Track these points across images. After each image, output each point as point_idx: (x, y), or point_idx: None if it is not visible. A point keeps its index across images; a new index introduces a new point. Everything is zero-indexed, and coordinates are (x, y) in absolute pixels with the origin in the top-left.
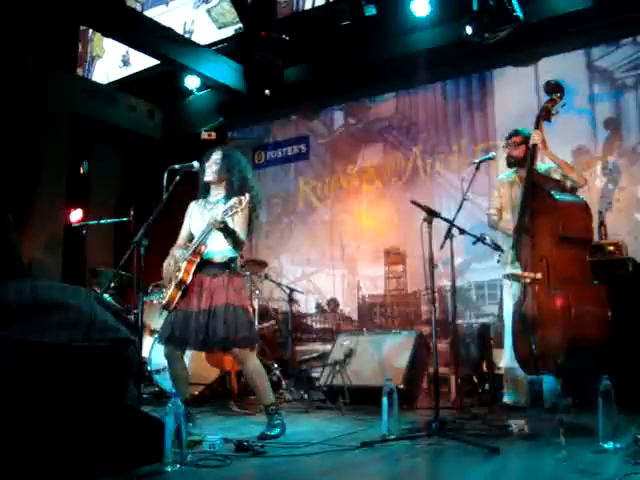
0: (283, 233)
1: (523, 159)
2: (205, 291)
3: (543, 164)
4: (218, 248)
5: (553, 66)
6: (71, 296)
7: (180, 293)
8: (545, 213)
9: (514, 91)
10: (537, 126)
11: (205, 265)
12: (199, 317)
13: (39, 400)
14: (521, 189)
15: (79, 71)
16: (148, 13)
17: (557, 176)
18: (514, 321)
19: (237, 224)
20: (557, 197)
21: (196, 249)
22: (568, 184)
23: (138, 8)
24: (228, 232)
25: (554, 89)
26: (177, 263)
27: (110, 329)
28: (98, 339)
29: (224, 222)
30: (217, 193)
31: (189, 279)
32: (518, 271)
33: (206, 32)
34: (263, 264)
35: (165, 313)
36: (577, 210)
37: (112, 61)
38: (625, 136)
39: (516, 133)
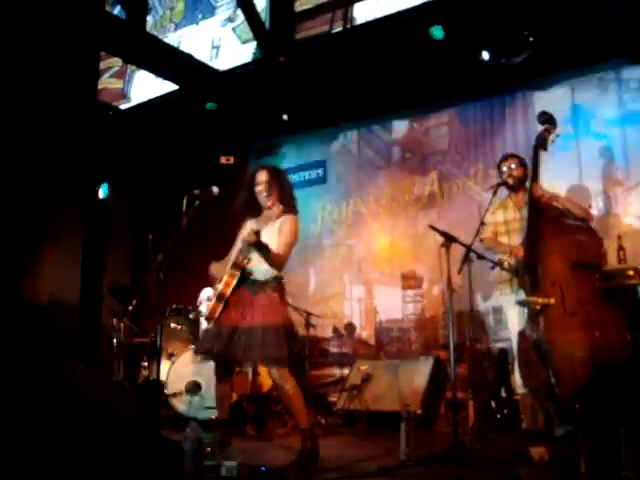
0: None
1: (522, 181)
2: (245, 308)
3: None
4: (260, 266)
5: (571, 93)
6: (110, 394)
7: (221, 306)
8: (555, 238)
9: (531, 116)
10: (535, 156)
11: (248, 282)
12: (237, 333)
13: None
14: (515, 213)
15: (120, 83)
16: (181, 32)
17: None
18: (523, 349)
19: (279, 242)
20: (565, 222)
21: (235, 262)
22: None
23: (172, 28)
24: (259, 247)
25: (548, 120)
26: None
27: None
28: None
29: (256, 239)
30: (269, 210)
31: (229, 292)
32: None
33: (231, 47)
34: None
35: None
36: (587, 234)
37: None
38: None
39: (512, 155)
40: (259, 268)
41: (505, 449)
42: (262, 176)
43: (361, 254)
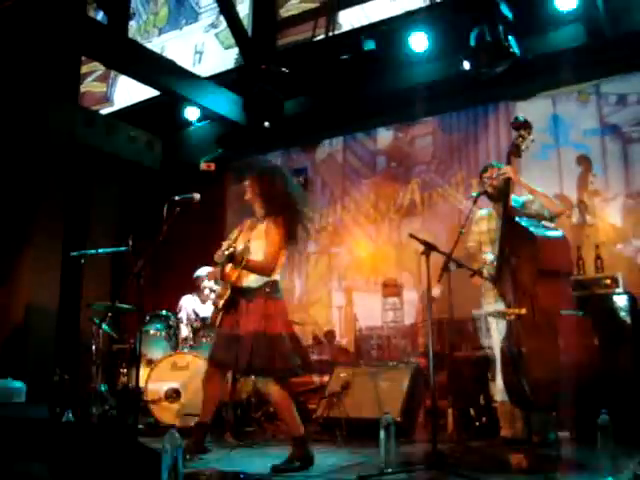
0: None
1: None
2: (240, 316)
3: (520, 197)
4: (251, 274)
5: (552, 104)
6: None
7: (220, 315)
8: (523, 248)
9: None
10: (508, 162)
11: (243, 290)
12: (232, 340)
13: None
14: (498, 223)
15: (103, 86)
16: (164, 37)
17: (535, 207)
18: (503, 359)
19: (264, 250)
20: (534, 232)
21: (223, 276)
22: (547, 214)
23: (156, 33)
24: (234, 264)
25: (522, 126)
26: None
27: None
28: None
29: (224, 260)
30: (258, 212)
31: (221, 303)
32: (502, 308)
33: (214, 53)
34: None
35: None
36: (555, 243)
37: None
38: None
39: (491, 166)
40: (251, 276)
41: (484, 456)
42: (248, 179)
43: (344, 262)
